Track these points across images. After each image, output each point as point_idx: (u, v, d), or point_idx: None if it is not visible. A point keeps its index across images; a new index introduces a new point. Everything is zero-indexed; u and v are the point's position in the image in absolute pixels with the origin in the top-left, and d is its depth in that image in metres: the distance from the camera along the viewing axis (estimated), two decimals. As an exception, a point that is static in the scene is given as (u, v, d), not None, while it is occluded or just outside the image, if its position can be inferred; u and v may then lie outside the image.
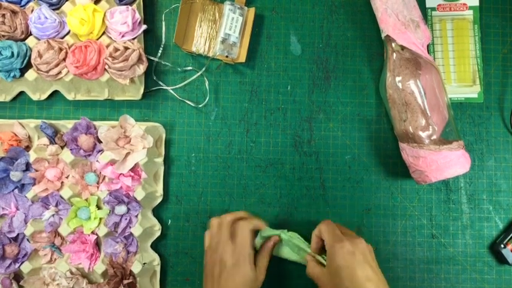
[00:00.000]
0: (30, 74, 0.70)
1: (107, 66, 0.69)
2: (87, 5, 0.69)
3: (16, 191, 0.70)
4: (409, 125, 0.68)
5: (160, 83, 0.75)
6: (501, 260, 0.73)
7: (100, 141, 0.70)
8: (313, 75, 0.76)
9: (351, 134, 0.75)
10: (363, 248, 0.60)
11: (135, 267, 0.69)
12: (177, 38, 0.72)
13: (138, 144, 0.70)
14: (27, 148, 0.71)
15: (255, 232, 0.67)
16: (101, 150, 0.70)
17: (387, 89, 0.70)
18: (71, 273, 0.69)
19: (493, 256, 0.74)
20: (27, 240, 0.70)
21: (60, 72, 0.70)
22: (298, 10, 0.77)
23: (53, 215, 0.70)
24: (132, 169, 0.70)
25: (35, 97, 0.73)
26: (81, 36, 0.71)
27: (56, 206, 0.70)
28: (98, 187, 0.70)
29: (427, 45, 0.74)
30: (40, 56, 0.69)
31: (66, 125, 0.71)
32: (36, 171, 0.70)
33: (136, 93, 0.74)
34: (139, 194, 0.69)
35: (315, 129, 0.75)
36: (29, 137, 0.72)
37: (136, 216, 0.70)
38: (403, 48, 0.68)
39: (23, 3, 0.71)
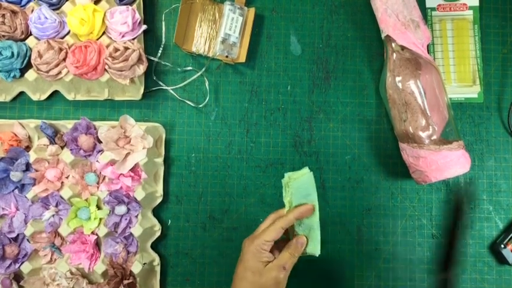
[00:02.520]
0: (30, 74, 0.70)
1: (106, 67, 0.69)
2: (87, 5, 0.69)
3: (16, 191, 0.70)
4: (409, 125, 0.68)
5: (160, 83, 0.75)
6: (501, 260, 0.73)
7: (100, 142, 0.70)
8: (313, 75, 0.76)
9: (351, 134, 0.75)
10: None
11: (135, 268, 0.69)
12: (177, 38, 0.72)
13: (138, 144, 0.70)
14: (27, 148, 0.71)
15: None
16: (101, 151, 0.70)
17: (387, 89, 0.70)
18: (71, 273, 0.69)
19: (493, 256, 0.74)
20: (27, 240, 0.70)
21: (60, 73, 0.70)
22: (298, 10, 0.77)
23: (53, 215, 0.70)
24: (132, 169, 0.70)
25: (35, 97, 0.73)
26: (81, 36, 0.71)
27: (56, 206, 0.70)
28: (98, 187, 0.70)
29: (427, 45, 0.74)
30: (40, 56, 0.69)
31: (66, 125, 0.71)
32: (36, 171, 0.70)
33: (136, 93, 0.74)
34: (139, 194, 0.69)
35: (315, 129, 0.75)
36: (29, 137, 0.72)
37: (136, 216, 0.70)
38: (403, 48, 0.68)
39: (23, 3, 0.71)
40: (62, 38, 0.71)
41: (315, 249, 0.59)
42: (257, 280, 0.57)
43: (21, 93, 0.74)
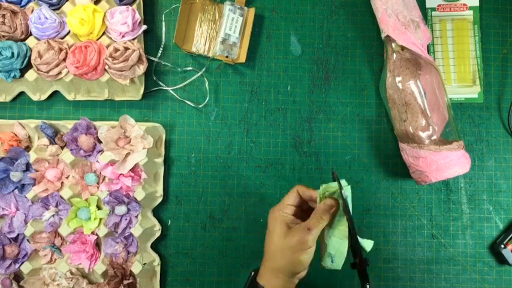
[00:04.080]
0: (30, 74, 0.70)
1: (107, 67, 0.69)
2: (87, 5, 0.69)
3: (16, 191, 0.70)
4: (409, 125, 0.68)
5: (160, 83, 0.75)
6: (501, 260, 0.73)
7: (100, 142, 0.70)
8: (313, 75, 0.76)
9: (351, 134, 0.75)
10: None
11: (135, 268, 0.69)
12: (177, 38, 0.72)
13: (138, 144, 0.70)
14: (27, 148, 0.71)
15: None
16: (101, 151, 0.70)
17: (387, 89, 0.70)
18: (71, 273, 0.69)
19: (493, 256, 0.74)
20: (27, 240, 0.70)
21: (60, 73, 0.70)
22: (298, 10, 0.77)
23: (53, 216, 0.70)
24: (132, 169, 0.70)
25: (35, 97, 0.73)
26: (81, 37, 0.71)
27: (56, 206, 0.70)
28: (98, 187, 0.70)
29: (427, 46, 0.74)
30: (40, 56, 0.69)
31: (66, 125, 0.71)
32: (37, 171, 0.70)
33: (136, 93, 0.74)
34: (139, 194, 0.69)
35: (315, 129, 0.75)
36: (29, 137, 0.72)
37: (137, 216, 0.70)
38: (403, 48, 0.68)
39: (23, 3, 0.71)
40: (62, 38, 0.71)
41: (338, 263, 0.58)
42: (282, 241, 0.57)
43: (21, 93, 0.74)
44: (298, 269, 0.57)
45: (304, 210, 0.62)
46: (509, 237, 0.72)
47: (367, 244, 0.58)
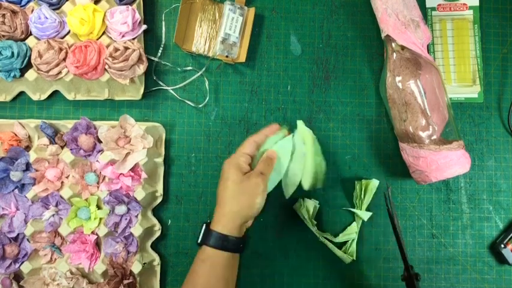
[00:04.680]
0: (30, 74, 0.70)
1: (107, 66, 0.69)
2: (87, 5, 0.69)
3: (16, 191, 0.70)
4: (409, 125, 0.68)
5: (160, 83, 0.75)
6: (501, 260, 0.73)
7: (100, 141, 0.70)
8: (313, 75, 0.76)
9: (351, 134, 0.75)
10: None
11: (135, 267, 0.69)
12: (177, 38, 0.72)
13: (138, 144, 0.70)
14: (27, 148, 0.71)
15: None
16: (101, 150, 0.70)
17: (387, 89, 0.70)
18: (71, 273, 0.69)
19: (493, 256, 0.74)
20: (27, 240, 0.70)
21: (60, 72, 0.70)
22: (298, 10, 0.77)
23: (53, 215, 0.70)
24: (132, 169, 0.70)
25: (35, 97, 0.73)
26: (81, 36, 0.71)
27: (56, 206, 0.70)
28: (98, 187, 0.70)
29: (427, 45, 0.74)
30: (40, 56, 0.69)
31: (66, 125, 0.71)
32: (36, 171, 0.70)
33: (136, 93, 0.74)
34: (139, 194, 0.69)
35: (315, 129, 0.75)
36: (29, 137, 0.72)
37: (137, 216, 0.70)
38: (403, 48, 0.68)
39: (23, 3, 0.71)
40: (62, 37, 0.71)
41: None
42: (238, 186, 0.60)
43: (21, 93, 0.74)
44: (253, 212, 0.61)
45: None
46: (509, 237, 0.72)
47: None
